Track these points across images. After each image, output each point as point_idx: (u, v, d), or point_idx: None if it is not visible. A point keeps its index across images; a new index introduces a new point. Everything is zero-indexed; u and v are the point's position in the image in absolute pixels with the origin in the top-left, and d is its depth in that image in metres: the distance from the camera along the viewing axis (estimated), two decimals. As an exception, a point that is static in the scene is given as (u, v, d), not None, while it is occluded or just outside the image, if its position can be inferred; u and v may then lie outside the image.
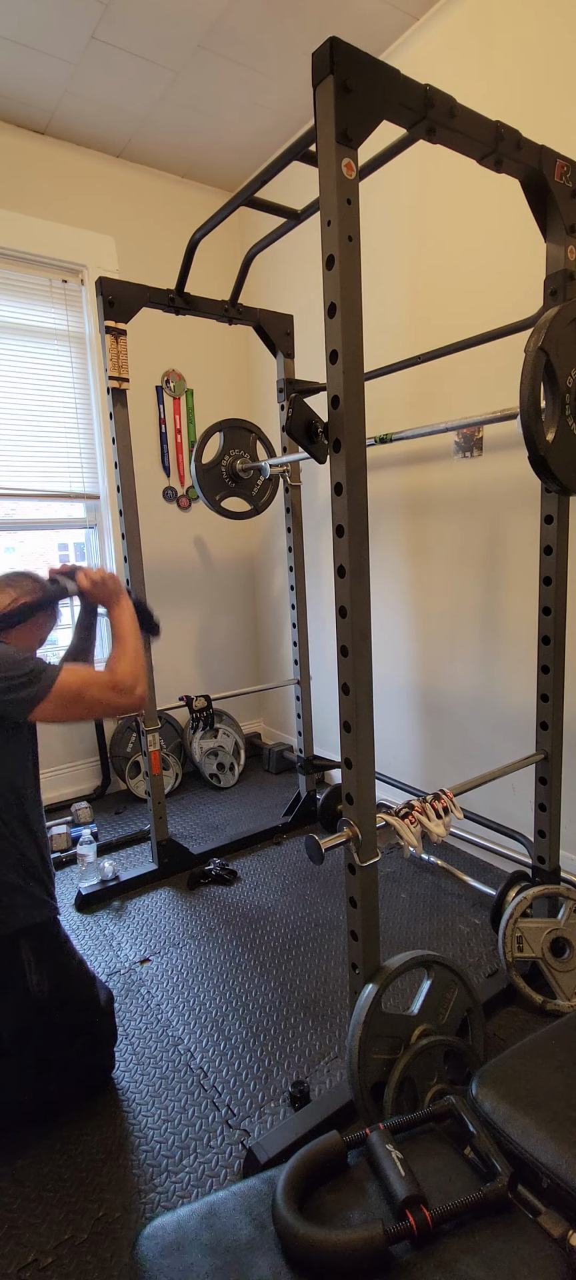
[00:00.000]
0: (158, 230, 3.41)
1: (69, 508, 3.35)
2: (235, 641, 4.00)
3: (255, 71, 2.71)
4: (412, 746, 2.93)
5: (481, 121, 1.40)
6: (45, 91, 2.75)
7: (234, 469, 2.87)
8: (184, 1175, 1.40)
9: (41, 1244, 1.27)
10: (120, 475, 2.38)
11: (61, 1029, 1.52)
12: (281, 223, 2.17)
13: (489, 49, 2.24)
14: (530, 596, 2.31)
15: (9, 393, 3.08)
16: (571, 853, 2.25)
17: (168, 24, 2.44)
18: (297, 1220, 0.92)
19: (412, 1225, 0.90)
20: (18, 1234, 1.29)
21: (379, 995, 1.35)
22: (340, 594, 1.29)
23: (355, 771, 1.33)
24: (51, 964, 1.49)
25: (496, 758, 2.52)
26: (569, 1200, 0.95)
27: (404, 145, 1.56)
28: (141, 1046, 1.76)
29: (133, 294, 2.31)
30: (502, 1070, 1.16)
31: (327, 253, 1.20)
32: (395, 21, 2.50)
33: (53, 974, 1.49)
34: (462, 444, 2.49)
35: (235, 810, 3.24)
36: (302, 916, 2.32)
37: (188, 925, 2.30)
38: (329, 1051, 1.71)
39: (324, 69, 1.15)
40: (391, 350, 2.72)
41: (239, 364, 3.81)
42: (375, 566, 2.93)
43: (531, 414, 1.33)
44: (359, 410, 1.23)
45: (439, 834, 1.50)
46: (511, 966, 1.77)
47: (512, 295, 2.25)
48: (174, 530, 3.64)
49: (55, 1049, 1.52)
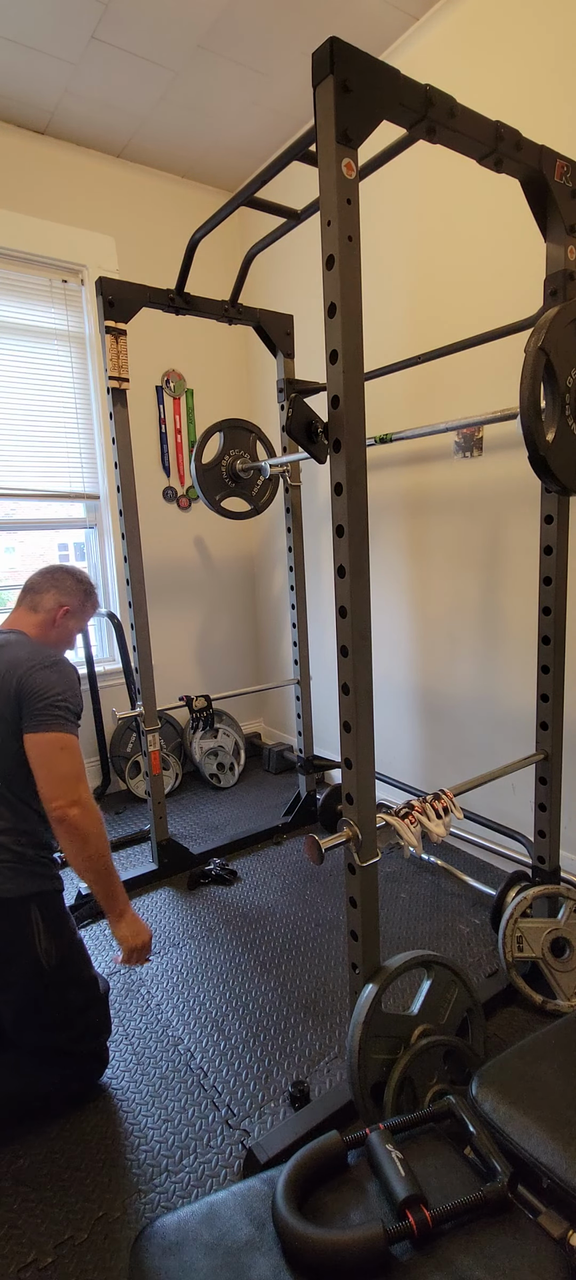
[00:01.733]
0: (158, 230, 3.40)
1: (69, 508, 3.35)
2: (235, 641, 4.00)
3: (255, 71, 2.71)
4: (412, 746, 2.93)
5: (481, 121, 1.40)
6: (45, 91, 2.75)
7: (234, 469, 2.87)
8: (184, 1175, 1.40)
9: (41, 1244, 1.27)
10: (120, 475, 2.38)
11: (65, 1005, 1.54)
12: (281, 223, 2.17)
13: (489, 49, 2.24)
14: (530, 596, 2.31)
15: (9, 393, 3.08)
16: (571, 853, 2.25)
17: (167, 24, 2.44)
18: (297, 1220, 0.92)
19: (412, 1225, 0.90)
20: (17, 1234, 1.29)
21: (379, 995, 1.35)
22: (340, 594, 1.29)
23: (355, 771, 1.33)
24: (58, 933, 1.53)
25: (496, 758, 2.52)
26: (569, 1200, 0.95)
27: (404, 145, 1.56)
28: (141, 1046, 1.76)
29: (133, 294, 2.31)
30: (502, 1070, 1.16)
31: (327, 253, 1.20)
32: (395, 21, 2.50)
33: (59, 944, 1.52)
34: (462, 444, 2.49)
35: (235, 810, 3.24)
36: (302, 916, 2.32)
37: (188, 925, 2.30)
38: (329, 1051, 1.71)
39: (324, 69, 1.15)
40: (391, 350, 2.72)
41: (239, 364, 3.81)
42: (375, 566, 2.93)
43: (531, 414, 1.33)
44: (359, 410, 1.23)
45: (439, 834, 1.50)
46: (511, 966, 1.77)
47: (512, 295, 2.25)
48: (174, 530, 3.64)
49: (56, 1030, 1.53)
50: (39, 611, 1.73)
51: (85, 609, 1.81)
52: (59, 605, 1.74)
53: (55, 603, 1.73)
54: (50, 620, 1.73)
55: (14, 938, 1.48)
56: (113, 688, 3.43)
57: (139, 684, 2.50)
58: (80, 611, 1.79)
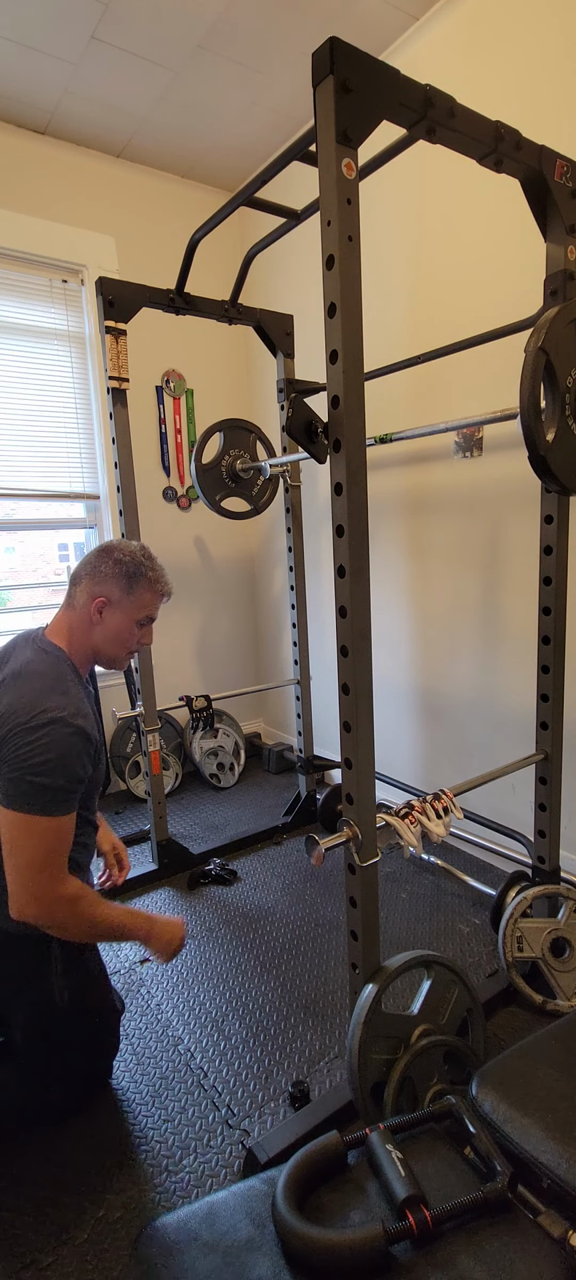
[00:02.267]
0: (158, 230, 3.40)
1: (69, 508, 3.35)
2: (235, 641, 4.00)
3: (255, 71, 2.71)
4: (412, 746, 2.93)
5: (481, 121, 1.40)
6: (45, 91, 2.75)
7: (234, 469, 2.87)
8: (184, 1175, 1.40)
9: (41, 1244, 1.27)
10: (120, 475, 2.38)
11: (76, 1033, 1.51)
12: (281, 223, 2.17)
13: (489, 49, 2.24)
14: (530, 596, 2.31)
15: (9, 393, 3.08)
16: (571, 853, 2.25)
17: (167, 24, 2.44)
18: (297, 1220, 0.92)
19: (412, 1225, 0.90)
20: (17, 1234, 1.29)
21: (379, 995, 1.35)
22: (340, 594, 1.29)
23: (355, 771, 1.33)
24: (77, 971, 1.47)
25: (496, 758, 2.52)
26: (569, 1200, 0.95)
27: (404, 145, 1.56)
28: (141, 1046, 1.76)
29: (133, 294, 2.31)
30: (502, 1070, 1.16)
31: (327, 253, 1.20)
32: (395, 21, 2.50)
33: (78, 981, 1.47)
34: (462, 444, 2.49)
35: (235, 810, 3.24)
36: (303, 916, 2.32)
37: (188, 925, 2.30)
38: (329, 1051, 1.71)
39: (324, 69, 1.15)
40: (391, 350, 2.72)
41: (239, 364, 3.81)
42: (375, 566, 2.93)
43: (531, 414, 1.33)
44: (359, 410, 1.23)
45: (439, 834, 1.50)
46: (511, 966, 1.77)
47: (512, 295, 2.25)
48: (174, 530, 3.64)
49: (65, 1050, 1.51)
50: (75, 608, 1.45)
51: (134, 597, 1.46)
52: (91, 598, 1.43)
53: (88, 595, 1.44)
54: (86, 619, 1.44)
55: (29, 971, 1.43)
56: (113, 688, 3.43)
57: (139, 684, 2.50)
58: (125, 602, 1.45)
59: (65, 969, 1.45)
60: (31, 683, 1.34)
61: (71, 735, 1.29)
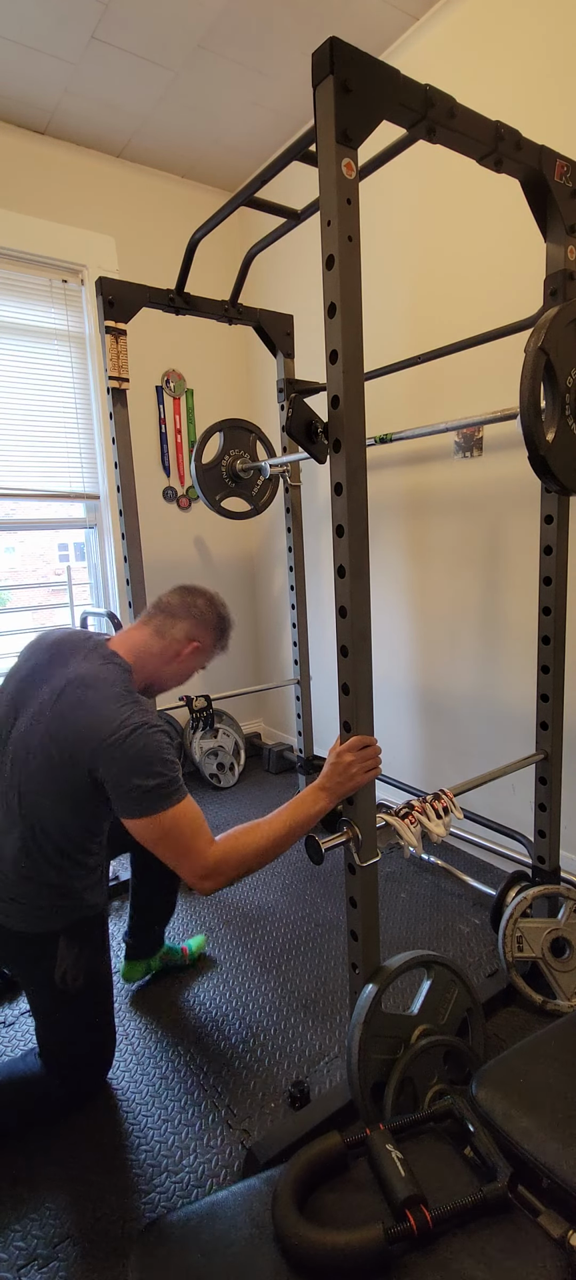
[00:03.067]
0: (158, 230, 3.40)
1: (69, 508, 3.35)
2: (235, 641, 3.95)
3: (255, 71, 2.71)
4: (412, 746, 2.93)
5: (481, 121, 1.40)
6: (45, 91, 2.75)
7: (234, 469, 2.87)
8: (184, 1175, 1.40)
9: (41, 1244, 1.27)
10: (120, 475, 2.38)
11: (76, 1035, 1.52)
12: (281, 223, 2.17)
13: (489, 49, 2.24)
14: (530, 596, 2.31)
15: (9, 393, 3.08)
16: (571, 853, 2.25)
17: (168, 24, 2.43)
18: (297, 1220, 0.92)
19: (412, 1225, 0.90)
20: (17, 1234, 1.29)
21: (379, 995, 1.35)
22: (340, 594, 1.29)
23: (355, 771, 1.33)
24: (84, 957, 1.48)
25: (496, 758, 2.52)
26: (569, 1200, 0.95)
27: (404, 145, 1.56)
28: (141, 1047, 1.76)
29: (133, 294, 2.32)
30: (502, 1070, 1.16)
31: (327, 253, 1.20)
32: (395, 21, 2.50)
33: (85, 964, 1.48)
34: (462, 444, 2.49)
35: (235, 810, 3.24)
36: (302, 916, 2.32)
37: (188, 925, 2.30)
38: (329, 1051, 1.71)
39: (324, 69, 1.14)
40: (391, 350, 2.72)
41: (239, 364, 3.81)
42: (375, 566, 2.91)
43: (531, 414, 1.33)
44: (359, 410, 1.23)
45: (439, 834, 1.50)
46: (511, 966, 1.77)
47: (512, 295, 2.25)
48: (174, 530, 3.64)
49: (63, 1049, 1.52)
50: (165, 638, 1.51)
51: (214, 651, 1.61)
52: (188, 639, 1.52)
53: (185, 634, 1.52)
54: (173, 652, 1.52)
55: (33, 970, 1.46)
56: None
57: (139, 684, 2.50)
58: (210, 651, 1.59)
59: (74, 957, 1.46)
60: (102, 691, 1.34)
61: (158, 733, 1.33)
